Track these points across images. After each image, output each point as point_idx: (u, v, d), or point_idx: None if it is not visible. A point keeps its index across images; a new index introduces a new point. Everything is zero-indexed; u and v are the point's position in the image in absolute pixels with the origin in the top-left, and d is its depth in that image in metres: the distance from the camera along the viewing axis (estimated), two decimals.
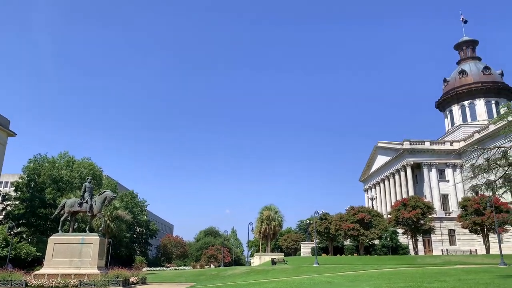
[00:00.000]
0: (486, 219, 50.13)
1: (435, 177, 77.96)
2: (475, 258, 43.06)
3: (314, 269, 35.31)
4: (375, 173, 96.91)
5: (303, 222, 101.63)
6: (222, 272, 43.18)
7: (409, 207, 55.77)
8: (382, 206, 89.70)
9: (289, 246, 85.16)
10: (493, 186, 24.55)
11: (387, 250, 58.35)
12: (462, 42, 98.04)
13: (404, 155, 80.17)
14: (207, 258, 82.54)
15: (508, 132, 24.01)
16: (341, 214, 60.96)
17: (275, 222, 66.30)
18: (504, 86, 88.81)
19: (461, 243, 70.43)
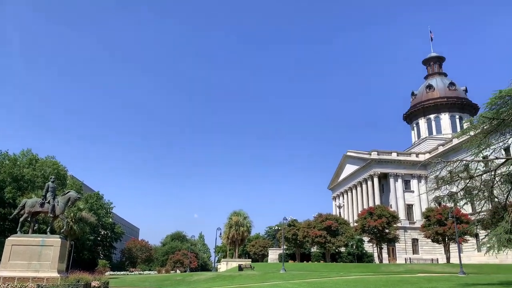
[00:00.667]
0: (447, 230, 51.82)
1: (400, 188, 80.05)
2: (436, 267, 44.38)
3: (280, 275, 35.37)
4: (343, 182, 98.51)
5: (271, 228, 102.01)
6: (188, 278, 42.60)
7: (375, 216, 56.94)
8: (349, 214, 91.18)
9: (257, 252, 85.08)
10: (455, 198, 25.40)
11: (353, 258, 59.28)
12: (430, 58, 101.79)
13: (372, 165, 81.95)
14: (173, 263, 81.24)
15: (470, 146, 24.98)
16: (309, 221, 61.53)
17: (243, 228, 66.15)
18: (467, 102, 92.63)
19: (423, 252, 72.47)
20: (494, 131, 23.40)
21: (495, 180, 23.29)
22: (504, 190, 23.65)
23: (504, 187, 23.60)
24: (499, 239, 21.00)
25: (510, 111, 22.00)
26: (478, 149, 24.01)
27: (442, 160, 25.58)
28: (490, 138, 23.89)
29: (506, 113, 22.10)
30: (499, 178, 23.25)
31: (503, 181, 23.34)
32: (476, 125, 24.06)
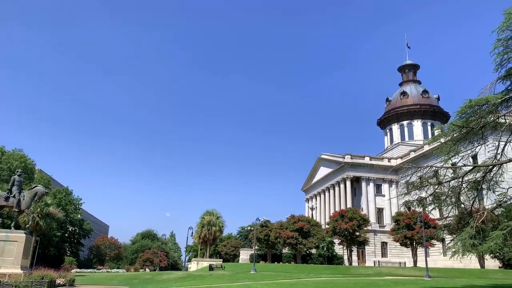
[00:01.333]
0: (415, 234, 53.06)
1: (372, 191, 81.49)
2: (403, 270, 45.31)
3: (251, 276, 35.28)
4: (317, 184, 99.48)
5: (244, 228, 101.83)
6: (157, 276, 41.94)
7: (346, 218, 57.68)
8: (322, 216, 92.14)
9: (228, 252, 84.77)
10: (424, 203, 25.96)
11: (323, 260, 59.88)
12: (405, 65, 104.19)
13: (345, 168, 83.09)
14: (143, 262, 79.92)
15: (440, 153, 25.63)
16: (281, 222, 61.74)
17: (216, 228, 65.73)
18: (439, 110, 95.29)
19: (392, 255, 74.00)
20: (463, 139, 24.07)
21: (462, 187, 23.95)
22: (470, 197, 24.35)
23: (470, 194, 24.29)
24: (464, 244, 21.58)
25: (478, 120, 22.69)
26: (447, 156, 24.66)
27: (413, 165, 26.07)
28: (459, 145, 24.57)
29: (474, 122, 22.78)
30: (466, 185, 23.91)
31: (470, 187, 24.02)
32: (447, 132, 24.69)
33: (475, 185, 23.86)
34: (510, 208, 24.66)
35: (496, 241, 20.01)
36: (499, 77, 23.83)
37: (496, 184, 23.71)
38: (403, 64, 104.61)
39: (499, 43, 22.87)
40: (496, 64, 23.58)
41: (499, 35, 22.61)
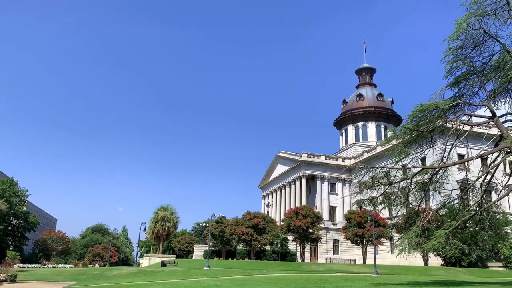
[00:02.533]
0: (366, 232, 54.87)
1: (326, 190, 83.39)
2: (353, 267, 46.73)
3: (204, 272, 35.01)
4: (273, 181, 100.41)
5: (199, 224, 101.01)
6: (107, 272, 40.59)
7: (300, 215, 58.59)
8: (277, 213, 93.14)
9: (182, 248, 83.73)
10: (375, 202, 26.87)
11: (277, 256, 60.55)
12: (362, 68, 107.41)
13: (301, 166, 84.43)
14: (92, 257, 77.08)
15: (391, 155, 26.57)
16: (237, 218, 61.75)
17: (170, 223, 64.62)
18: (392, 113, 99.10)
19: (343, 253, 76.16)
20: (413, 142, 25.09)
21: (411, 187, 24.98)
22: (418, 197, 25.44)
23: (418, 194, 25.39)
24: (410, 243, 22.51)
25: (428, 124, 23.72)
26: (398, 157, 25.61)
27: (365, 166, 26.86)
28: (410, 148, 25.60)
29: (424, 126, 23.80)
30: (415, 186, 24.96)
31: (418, 188, 25.10)
32: (398, 135, 25.63)
33: (423, 186, 24.96)
34: (454, 208, 25.95)
35: (439, 240, 21.03)
36: (448, 84, 25.02)
37: (441, 186, 24.93)
38: (360, 67, 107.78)
39: (449, 52, 23.97)
40: (446, 71, 24.73)
41: (449, 44, 23.67)
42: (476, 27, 22.57)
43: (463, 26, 22.33)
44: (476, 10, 22.06)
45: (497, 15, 22.24)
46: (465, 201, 26.11)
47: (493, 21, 22.44)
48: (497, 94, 24.54)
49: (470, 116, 25.18)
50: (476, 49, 23.81)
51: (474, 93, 24.83)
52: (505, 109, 28.56)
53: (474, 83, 24.57)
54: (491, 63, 23.98)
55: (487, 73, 24.18)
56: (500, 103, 25.67)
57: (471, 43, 23.51)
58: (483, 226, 23.97)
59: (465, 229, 24.46)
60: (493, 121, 23.32)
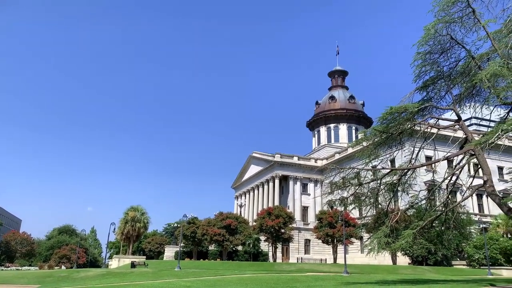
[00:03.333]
0: (337, 232, 55.66)
1: (299, 190, 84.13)
2: (324, 267, 47.32)
3: (175, 273, 34.59)
4: (247, 181, 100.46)
5: (170, 225, 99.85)
6: (74, 274, 39.45)
7: (273, 216, 58.82)
8: (250, 214, 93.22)
9: (153, 249, 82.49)
10: (345, 202, 27.33)
11: (249, 256, 60.53)
12: (335, 71, 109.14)
13: (274, 167, 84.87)
14: (59, 259, 74.63)
15: (362, 156, 27.10)
16: (209, 219, 61.39)
17: (140, 224, 63.53)
18: (363, 115, 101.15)
19: (314, 252, 77.00)
20: (383, 144, 25.69)
21: (380, 188, 25.56)
22: (387, 198, 26.06)
23: (387, 195, 26.01)
24: (379, 242, 23.02)
25: (397, 126, 24.34)
26: (368, 159, 26.17)
27: (336, 166, 27.29)
28: (379, 149, 26.20)
29: (394, 128, 24.41)
30: (384, 187, 25.55)
31: (387, 189, 25.69)
32: (369, 137, 26.19)
33: (392, 187, 25.59)
34: (421, 209, 26.72)
35: (407, 240, 21.60)
36: (417, 87, 25.76)
37: (409, 187, 25.63)
38: (333, 70, 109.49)
39: (418, 56, 24.67)
40: (415, 75, 25.45)
41: (418, 49, 24.37)
42: (444, 33, 23.34)
43: (432, 32, 23.04)
44: (444, 17, 22.81)
45: (463, 22, 23.07)
46: (432, 202, 26.94)
47: (460, 28, 23.27)
48: (462, 98, 25.45)
49: (437, 119, 25.99)
50: (444, 55, 24.63)
51: (441, 97, 25.67)
52: (470, 113, 29.71)
53: (441, 88, 25.40)
54: (457, 68, 24.86)
55: (453, 78, 25.04)
56: (466, 107, 26.64)
57: (439, 48, 24.30)
58: (448, 225, 24.80)
59: (432, 228, 25.22)
60: (459, 124, 24.18)
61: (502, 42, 21.38)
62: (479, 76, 20.17)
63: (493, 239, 47.43)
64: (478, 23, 22.42)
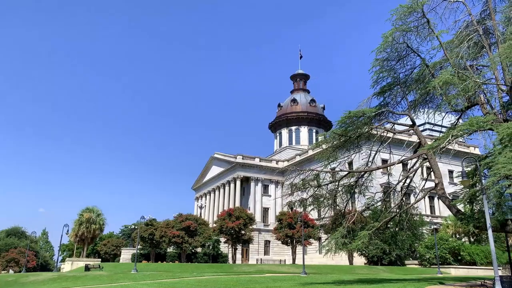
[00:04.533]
0: (296, 233, 56.35)
1: (260, 191, 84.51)
2: (283, 267, 47.77)
3: (131, 276, 33.69)
4: (208, 183, 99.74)
5: (127, 227, 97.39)
6: (22, 279, 37.57)
7: (233, 217, 58.71)
8: (210, 215, 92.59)
9: (108, 251, 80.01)
10: (305, 204, 27.77)
11: (208, 258, 60.07)
12: (297, 74, 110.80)
13: (236, 168, 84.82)
14: (6, 262, 70.73)
15: (321, 158, 27.65)
16: (168, 220, 60.37)
17: (95, 226, 61.39)
18: (324, 119, 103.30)
19: (274, 253, 77.57)
20: (341, 147, 26.35)
21: (338, 190, 26.19)
22: (345, 199, 26.73)
23: (344, 197, 26.68)
24: (336, 243, 23.55)
25: (355, 130, 25.05)
26: (327, 161, 26.75)
27: (297, 168, 27.69)
28: (338, 152, 26.85)
29: (352, 132, 25.10)
30: (342, 188, 26.19)
31: (345, 191, 26.36)
32: (328, 139, 26.79)
33: (349, 188, 26.29)
34: (377, 210, 27.59)
35: (363, 240, 22.21)
36: (375, 93, 26.63)
37: (366, 189, 26.43)
38: (295, 73, 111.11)
39: (376, 63, 25.50)
40: (373, 81, 26.29)
41: (377, 55, 25.19)
42: (401, 42, 24.28)
43: (389, 39, 23.90)
44: (401, 25, 23.72)
45: (418, 31, 24.10)
46: (387, 203, 27.87)
47: (415, 37, 24.30)
48: (417, 104, 26.58)
49: (393, 124, 26.96)
50: (400, 62, 25.62)
51: (397, 102, 26.68)
52: (423, 119, 31.04)
53: (397, 93, 26.39)
54: (412, 75, 25.94)
55: (409, 84, 26.09)
56: (420, 113, 27.84)
57: (395, 56, 25.25)
58: (402, 226, 25.76)
59: (386, 229, 26.08)
60: (413, 129, 25.21)
61: (453, 52, 22.52)
62: (432, 83, 21.12)
63: (443, 239, 49.72)
64: (432, 33, 23.50)
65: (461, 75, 20.43)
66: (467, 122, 20.03)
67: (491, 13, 23.40)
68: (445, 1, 23.54)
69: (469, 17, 23.87)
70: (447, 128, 22.72)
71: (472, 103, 22.86)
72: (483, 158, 21.07)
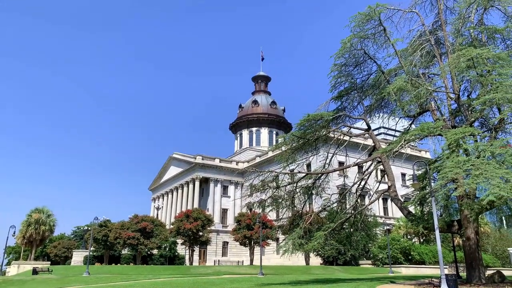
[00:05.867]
0: (254, 234, 56.51)
1: (219, 192, 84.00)
2: (240, 269, 47.72)
3: (83, 279, 32.45)
4: (166, 183, 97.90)
5: (80, 228, 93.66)
6: None
7: (191, 218, 57.94)
8: (168, 216, 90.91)
9: (59, 254, 76.63)
10: (263, 205, 27.95)
11: (165, 260, 58.95)
12: (258, 76, 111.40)
13: (196, 168, 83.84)
14: None
15: (280, 160, 27.95)
16: (123, 221, 58.71)
17: (45, 227, 58.52)
18: (284, 121, 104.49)
19: (232, 255, 77.37)
20: (300, 149, 26.78)
21: (297, 191, 26.57)
22: (302, 200, 27.15)
23: (302, 198, 27.11)
24: (293, 243, 23.85)
25: (313, 133, 25.53)
26: (286, 163, 27.09)
27: (256, 169, 27.84)
28: (297, 154, 27.26)
29: (310, 135, 25.56)
30: (300, 190, 26.60)
31: (302, 192, 26.80)
32: (287, 141, 27.14)
33: (307, 190, 26.76)
34: (333, 211, 28.23)
35: (319, 241, 22.64)
36: (333, 97, 27.28)
37: (323, 190, 26.99)
38: (256, 75, 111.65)
39: (335, 68, 26.14)
40: (331, 85, 26.93)
41: (335, 61, 25.82)
42: (358, 48, 25.04)
43: (348, 45, 24.58)
44: (359, 32, 24.46)
45: (375, 39, 24.96)
46: (343, 205, 28.62)
47: (372, 44, 25.16)
48: (372, 109, 27.51)
49: (349, 128, 27.73)
50: (358, 68, 26.42)
51: (354, 107, 27.49)
52: (378, 123, 32.15)
53: (354, 98, 27.19)
54: (369, 81, 26.82)
55: (365, 90, 26.96)
56: (375, 117, 28.83)
57: (353, 61, 26.01)
58: (357, 227, 26.52)
59: (342, 230, 26.74)
60: (368, 133, 26.04)
61: (407, 60, 23.52)
62: (387, 89, 21.93)
63: (395, 239, 51.64)
64: (388, 40, 24.42)
65: (414, 82, 21.35)
66: (418, 128, 20.96)
67: (442, 24, 24.65)
68: (401, 11, 24.54)
69: (422, 27, 25.02)
70: (401, 132, 23.65)
71: (424, 110, 23.96)
72: (432, 162, 22.12)
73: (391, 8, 24.13)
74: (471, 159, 16.13)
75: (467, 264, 21.42)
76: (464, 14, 22.77)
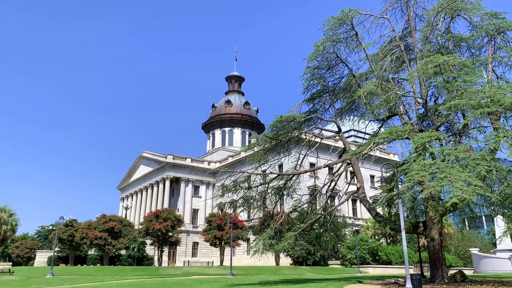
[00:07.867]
0: (225, 234, 56.28)
1: (190, 192, 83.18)
2: (210, 269, 47.43)
3: (46, 280, 31.37)
4: (135, 182, 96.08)
5: (44, 228, 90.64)
6: None
7: (161, 218, 57.10)
8: (137, 216, 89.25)
9: (21, 254, 73.84)
10: (235, 205, 27.93)
11: (133, 261, 57.85)
12: (232, 76, 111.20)
13: (166, 168, 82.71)
14: None
15: (252, 160, 28.01)
16: (90, 221, 57.18)
17: (7, 226, 56.19)
18: (257, 121, 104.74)
19: (202, 255, 76.79)
20: (272, 150, 26.93)
21: (268, 192, 26.69)
22: (273, 201, 27.30)
23: (273, 198, 27.26)
24: (264, 244, 23.93)
25: (286, 134, 25.73)
26: (258, 163, 27.17)
27: (228, 170, 27.75)
28: (269, 155, 27.40)
29: (282, 136, 25.75)
30: (271, 190, 26.73)
31: (274, 193, 26.94)
32: (260, 142, 27.22)
33: (278, 191, 26.92)
34: (303, 212, 28.52)
35: (289, 241, 22.80)
36: (305, 99, 27.58)
37: (294, 191, 27.24)
38: (230, 75, 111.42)
39: (307, 70, 26.43)
40: (304, 88, 27.21)
41: (308, 63, 26.10)
42: (331, 51, 25.43)
43: (320, 48, 24.90)
44: (331, 36, 24.83)
45: (347, 43, 25.41)
46: (313, 205, 28.97)
47: (345, 47, 25.61)
48: (343, 112, 28.00)
49: (321, 130, 28.12)
50: (330, 71, 26.82)
51: (325, 109, 27.90)
52: (349, 126, 32.76)
53: (326, 101, 27.60)
54: (340, 84, 27.27)
55: (337, 93, 27.41)
56: (346, 120, 29.34)
57: (326, 65, 26.38)
58: (326, 228, 26.90)
59: (312, 231, 27.07)
60: (339, 135, 26.49)
61: (378, 65, 24.08)
62: (358, 93, 22.38)
63: (363, 240, 52.67)
64: (360, 45, 24.91)
65: (384, 87, 21.88)
66: (387, 131, 21.48)
67: (411, 31, 25.39)
68: (372, 16, 25.09)
69: (392, 33, 25.68)
70: (370, 135, 24.19)
71: (393, 113, 24.60)
72: (400, 164, 22.73)
73: (364, 13, 24.63)
74: (436, 163, 16.65)
75: (431, 264, 22.14)
76: (432, 22, 23.54)
